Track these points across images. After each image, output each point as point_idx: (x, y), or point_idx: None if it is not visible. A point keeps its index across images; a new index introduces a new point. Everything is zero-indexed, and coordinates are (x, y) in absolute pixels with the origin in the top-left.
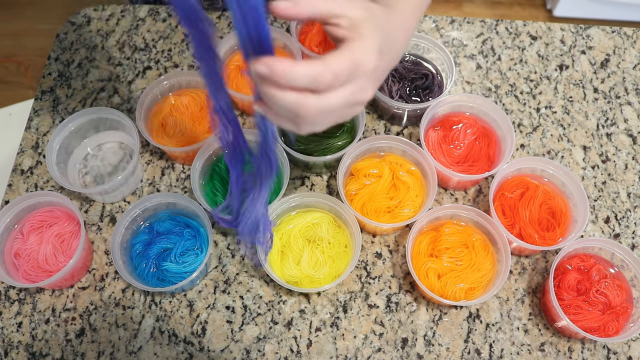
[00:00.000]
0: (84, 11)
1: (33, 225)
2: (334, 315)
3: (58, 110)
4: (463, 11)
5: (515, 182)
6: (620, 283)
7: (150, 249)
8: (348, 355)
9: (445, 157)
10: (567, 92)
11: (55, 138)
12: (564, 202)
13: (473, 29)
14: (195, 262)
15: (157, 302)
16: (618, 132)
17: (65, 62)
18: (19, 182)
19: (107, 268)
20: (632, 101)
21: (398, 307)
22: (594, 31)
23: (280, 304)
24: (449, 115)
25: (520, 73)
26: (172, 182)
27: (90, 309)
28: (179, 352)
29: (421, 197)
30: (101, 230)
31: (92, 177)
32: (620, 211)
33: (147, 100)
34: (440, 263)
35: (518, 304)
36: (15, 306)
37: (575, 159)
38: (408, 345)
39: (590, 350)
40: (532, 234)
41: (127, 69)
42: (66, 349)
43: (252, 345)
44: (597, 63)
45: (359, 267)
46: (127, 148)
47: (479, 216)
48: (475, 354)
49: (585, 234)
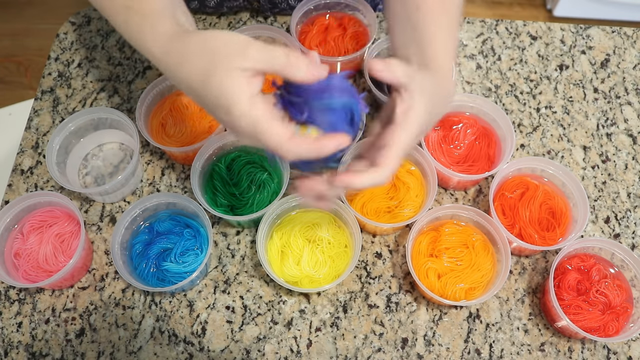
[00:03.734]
0: (84, 11)
1: (33, 225)
2: (334, 315)
3: (58, 110)
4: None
5: (515, 182)
6: (620, 283)
7: (150, 249)
8: (348, 355)
9: (445, 157)
10: (567, 92)
11: (55, 138)
12: (564, 202)
13: (473, 29)
14: (195, 262)
15: (157, 302)
16: (618, 132)
17: (65, 62)
18: (19, 182)
19: (107, 268)
20: (632, 101)
21: (398, 307)
22: (594, 31)
23: (280, 304)
24: (448, 115)
25: (520, 73)
26: (172, 182)
27: (90, 309)
28: (179, 352)
29: (421, 197)
30: (101, 230)
31: (93, 177)
32: (620, 211)
33: (147, 100)
34: (440, 263)
35: (518, 304)
36: (15, 306)
37: (575, 159)
38: (408, 345)
39: (590, 350)
40: (532, 234)
41: (127, 69)
42: (66, 349)
43: (252, 345)
44: (597, 63)
45: (359, 267)
46: (127, 148)
47: (479, 216)
48: (475, 354)
49: (585, 234)
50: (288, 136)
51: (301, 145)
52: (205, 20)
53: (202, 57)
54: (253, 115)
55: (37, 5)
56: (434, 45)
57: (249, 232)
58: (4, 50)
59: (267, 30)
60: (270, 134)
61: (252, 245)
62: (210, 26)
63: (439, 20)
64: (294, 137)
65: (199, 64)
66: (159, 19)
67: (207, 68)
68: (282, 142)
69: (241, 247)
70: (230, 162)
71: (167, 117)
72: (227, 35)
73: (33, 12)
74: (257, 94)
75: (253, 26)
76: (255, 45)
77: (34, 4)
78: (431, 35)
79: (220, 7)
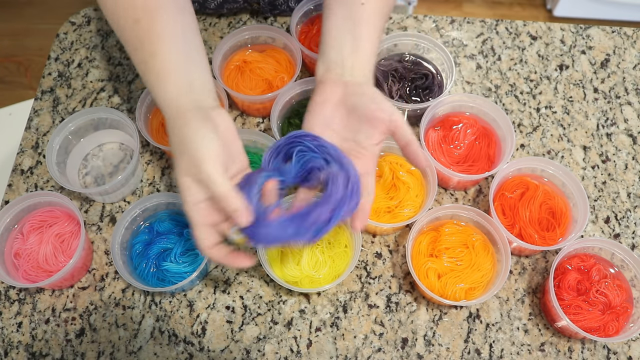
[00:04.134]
0: (84, 11)
1: (33, 225)
2: (334, 315)
3: (58, 110)
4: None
5: (515, 182)
6: (620, 283)
7: (150, 249)
8: (348, 355)
9: (445, 157)
10: (567, 92)
11: (55, 138)
12: (564, 202)
13: (473, 29)
14: (195, 262)
15: (157, 302)
16: (618, 132)
17: (65, 62)
18: (19, 182)
19: (107, 268)
20: (632, 101)
21: (398, 307)
22: (594, 31)
23: (280, 304)
24: (449, 115)
25: (520, 73)
26: (172, 182)
27: (90, 309)
28: (179, 352)
29: (421, 197)
30: (101, 230)
31: (93, 177)
32: (620, 211)
33: (147, 100)
34: (440, 263)
35: (518, 304)
36: (15, 306)
37: (575, 159)
38: (408, 345)
39: (590, 350)
40: (532, 234)
41: (127, 69)
42: (66, 349)
43: (252, 345)
44: (597, 63)
45: (359, 267)
46: (127, 148)
47: (479, 216)
48: (475, 354)
49: (585, 234)
50: (209, 245)
51: (218, 255)
52: (205, 20)
53: (177, 143)
54: (190, 217)
55: (37, 5)
56: (363, 52)
57: None
58: (4, 50)
59: (267, 30)
60: (197, 237)
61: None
62: (210, 26)
63: (376, 22)
64: (214, 246)
65: (173, 145)
66: (168, 82)
67: (175, 154)
68: (202, 247)
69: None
70: None
71: None
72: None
73: (33, 12)
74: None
75: (253, 26)
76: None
77: (34, 4)
78: (366, 33)
79: (220, 8)
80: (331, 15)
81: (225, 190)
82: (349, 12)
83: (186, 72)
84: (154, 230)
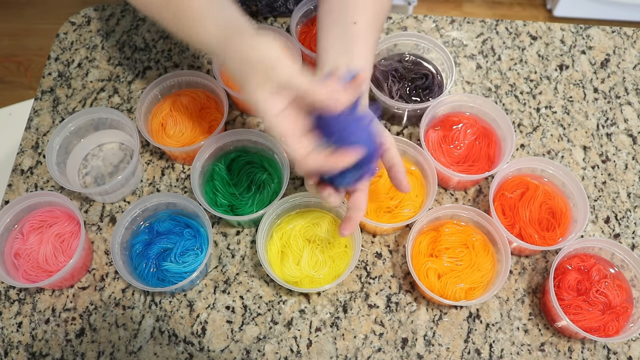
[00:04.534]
0: (84, 11)
1: (33, 225)
2: (334, 315)
3: (58, 110)
4: (463, 11)
5: (515, 182)
6: (620, 283)
7: (150, 249)
8: (348, 355)
9: (445, 157)
10: (567, 92)
11: (55, 138)
12: (564, 202)
13: (473, 29)
14: (195, 262)
15: (157, 302)
16: (618, 132)
17: (65, 62)
18: (19, 182)
19: (107, 268)
20: (632, 101)
21: (398, 307)
22: (594, 31)
23: (280, 304)
24: (449, 115)
25: (520, 73)
26: (172, 182)
27: (90, 309)
28: (179, 352)
29: (421, 197)
30: (101, 230)
31: (93, 177)
32: (620, 211)
33: (147, 100)
34: (440, 263)
35: (518, 304)
36: (15, 306)
37: (575, 159)
38: (408, 345)
39: (590, 350)
40: (532, 234)
41: (127, 69)
42: (66, 349)
43: (252, 345)
44: (597, 63)
45: (359, 267)
46: (127, 148)
47: (479, 216)
48: (475, 354)
49: (585, 234)
50: (304, 153)
51: (316, 160)
52: None
53: (239, 66)
54: (277, 129)
55: (37, 5)
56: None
57: (249, 232)
58: (4, 50)
59: (267, 30)
60: (288, 150)
61: (252, 245)
62: None
63: (368, 37)
64: (310, 154)
65: (236, 72)
66: (206, 23)
67: (242, 78)
68: (298, 158)
69: (241, 247)
70: (230, 162)
71: (167, 117)
72: (264, 47)
73: (33, 12)
74: (281, 112)
75: None
76: (283, 64)
77: (34, 4)
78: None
79: None
80: (325, 36)
81: (309, 81)
82: (342, 31)
83: (221, 10)
84: (154, 230)
